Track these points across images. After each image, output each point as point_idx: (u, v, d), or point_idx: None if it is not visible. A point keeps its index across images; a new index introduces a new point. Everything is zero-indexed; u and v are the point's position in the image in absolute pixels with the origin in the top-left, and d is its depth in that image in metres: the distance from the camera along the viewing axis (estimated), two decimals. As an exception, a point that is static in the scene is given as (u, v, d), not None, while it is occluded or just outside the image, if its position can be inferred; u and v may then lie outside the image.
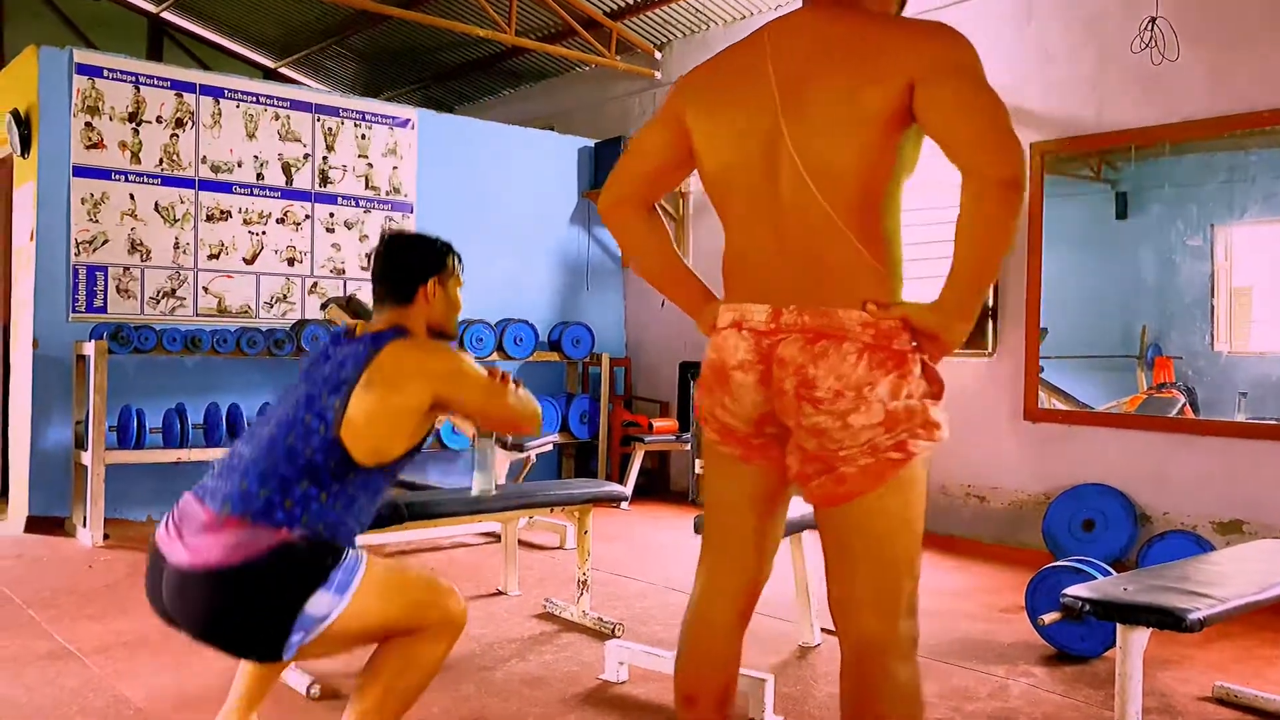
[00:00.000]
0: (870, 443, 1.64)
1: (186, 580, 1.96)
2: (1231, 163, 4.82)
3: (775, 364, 1.70)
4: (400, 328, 2.20)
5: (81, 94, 5.44)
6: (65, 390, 5.35)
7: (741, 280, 1.80)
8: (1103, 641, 3.35)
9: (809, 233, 1.68)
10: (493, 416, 2.29)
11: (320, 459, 2.02)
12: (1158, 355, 5.17)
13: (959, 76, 1.60)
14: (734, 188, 1.79)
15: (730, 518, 1.88)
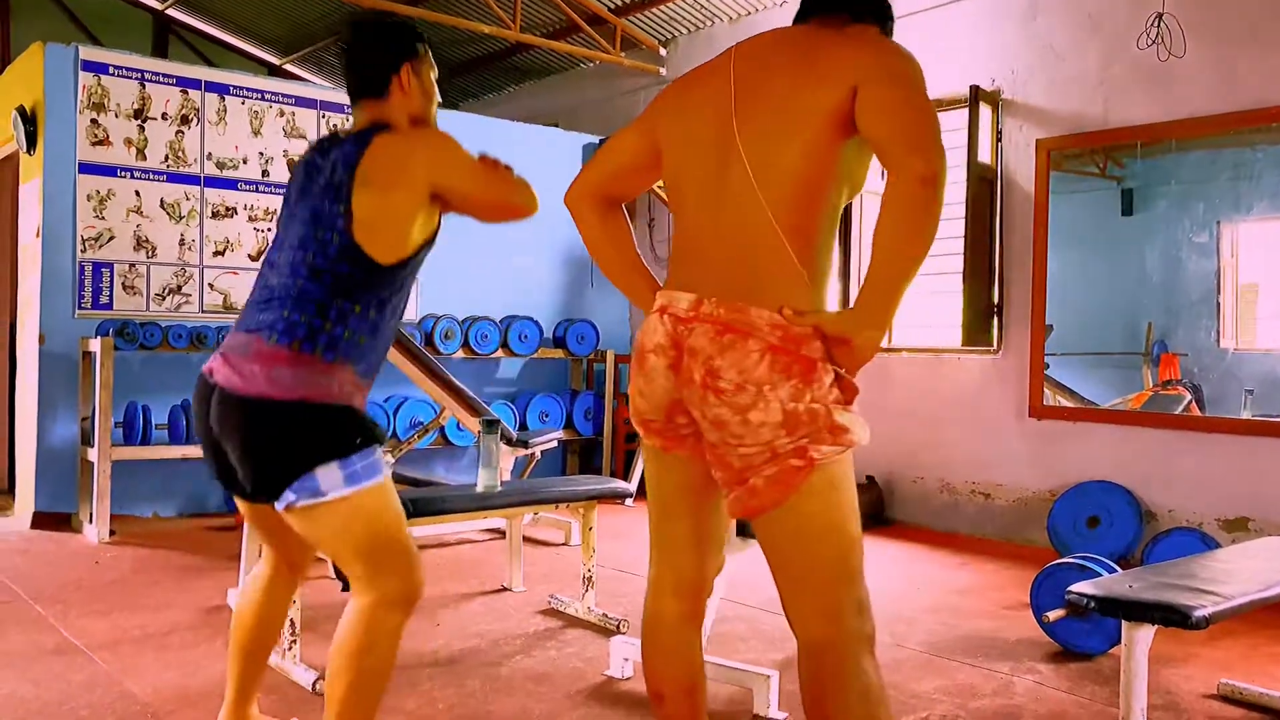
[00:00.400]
0: (770, 445, 1.66)
1: (229, 402, 2.02)
2: (1238, 159, 4.80)
3: (687, 353, 1.73)
4: (381, 123, 2.14)
5: (87, 91, 5.45)
6: (71, 387, 5.36)
7: (678, 269, 1.84)
8: (1108, 639, 3.35)
9: (744, 230, 1.72)
10: (491, 202, 2.20)
11: (345, 269, 2.04)
12: (1163, 352, 5.16)
13: (894, 82, 1.66)
14: (686, 185, 1.84)
15: (664, 511, 1.92)
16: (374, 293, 2.08)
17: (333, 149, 2.14)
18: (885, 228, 1.61)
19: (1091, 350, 5.48)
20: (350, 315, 2.06)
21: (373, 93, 2.19)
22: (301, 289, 2.05)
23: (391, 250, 2.07)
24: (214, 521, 5.51)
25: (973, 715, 2.88)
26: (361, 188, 2.04)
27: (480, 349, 6.49)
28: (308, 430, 2.00)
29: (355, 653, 2.04)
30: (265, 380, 1.99)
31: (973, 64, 5.40)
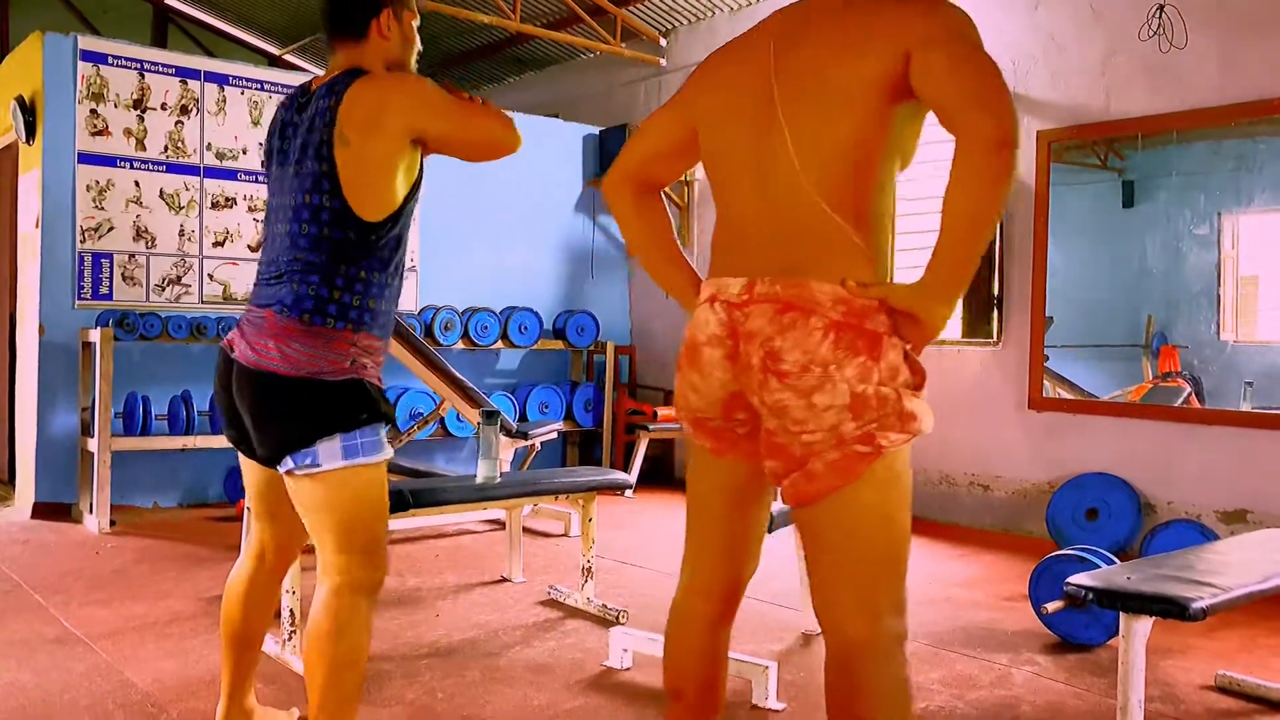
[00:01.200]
0: (835, 429, 1.56)
1: (245, 376, 2.08)
2: (1239, 151, 4.79)
3: (743, 338, 1.64)
4: (356, 69, 2.10)
5: (86, 80, 5.44)
6: (71, 377, 5.36)
7: (724, 255, 1.76)
8: (1106, 630, 3.36)
9: (795, 207, 1.64)
10: (473, 141, 2.16)
11: (340, 235, 2.04)
12: (1163, 344, 5.16)
13: (952, 42, 1.56)
14: (728, 164, 1.77)
15: (706, 514, 1.84)
16: (373, 254, 2.09)
17: (308, 104, 2.11)
18: (956, 196, 1.50)
19: (1091, 342, 5.48)
20: (356, 281, 2.07)
21: (351, 34, 2.14)
22: (305, 261, 2.06)
23: (380, 206, 2.07)
24: (214, 512, 5.52)
25: (971, 706, 2.89)
26: (341, 146, 2.02)
27: (480, 340, 6.49)
28: (315, 405, 2.03)
29: (328, 637, 2.06)
30: (278, 355, 2.03)
31: (974, 55, 5.37)
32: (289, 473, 2.07)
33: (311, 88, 2.15)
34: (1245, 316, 5.04)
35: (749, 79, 1.73)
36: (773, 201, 1.67)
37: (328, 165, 2.04)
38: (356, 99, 2.04)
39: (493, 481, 3.58)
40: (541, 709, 2.80)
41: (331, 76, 2.12)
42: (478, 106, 2.15)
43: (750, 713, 2.80)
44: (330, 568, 2.09)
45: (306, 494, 2.08)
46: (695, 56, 7.10)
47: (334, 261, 2.06)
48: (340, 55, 2.16)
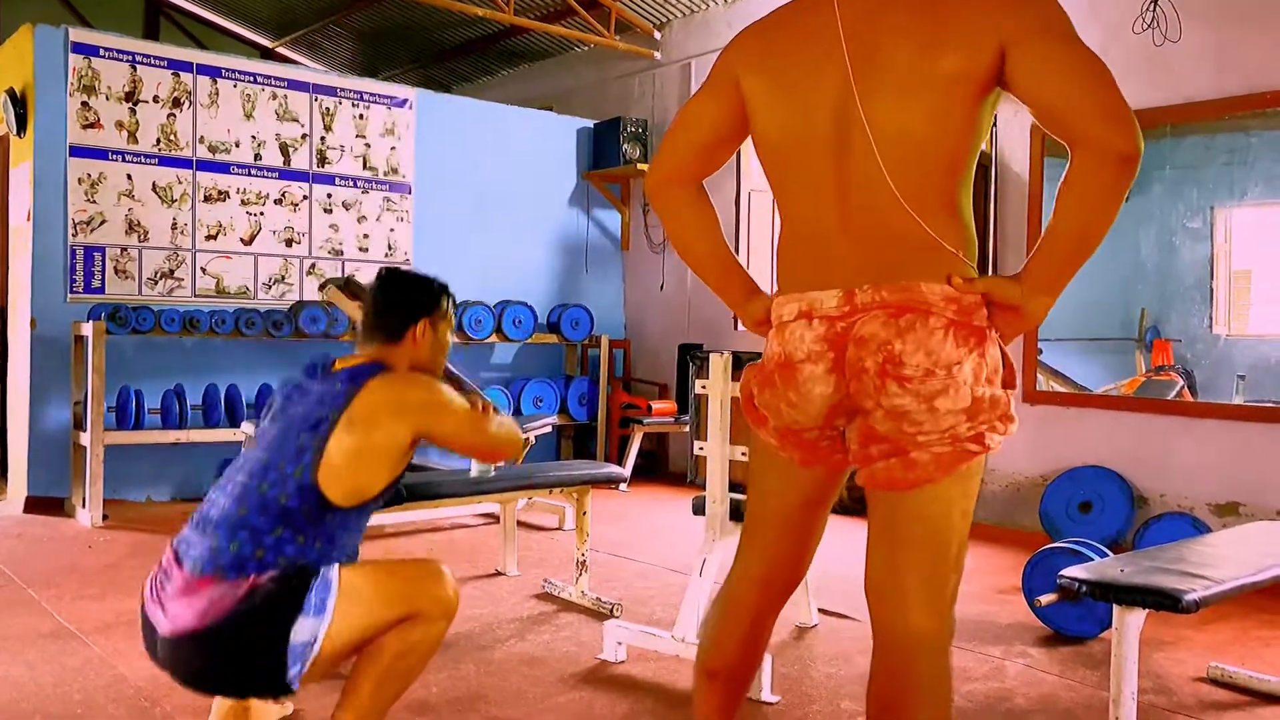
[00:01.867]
0: (951, 430, 1.54)
1: (171, 646, 1.99)
2: (1232, 145, 4.81)
3: (853, 344, 1.57)
4: (381, 363, 2.18)
5: (78, 73, 5.41)
6: (64, 371, 5.35)
7: (804, 265, 1.66)
8: (1099, 622, 3.37)
9: (879, 209, 1.56)
10: (475, 446, 2.29)
11: (295, 504, 2.01)
12: (1156, 338, 5.17)
13: (1061, 39, 1.49)
14: (795, 158, 1.65)
15: (778, 514, 1.79)
16: (322, 528, 2.04)
17: (326, 380, 2.14)
18: (1076, 204, 1.47)
19: (1085, 336, 5.49)
20: (288, 544, 2.00)
21: (388, 337, 2.23)
22: (242, 518, 2.01)
23: (353, 493, 2.07)
24: (208, 506, 5.50)
25: (965, 699, 2.90)
26: (344, 430, 2.04)
27: (474, 334, 6.48)
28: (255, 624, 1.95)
29: (393, 653, 2.07)
30: (192, 614, 1.95)
31: (968, 48, 5.37)
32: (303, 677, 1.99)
33: (334, 367, 2.18)
34: (1238, 310, 5.07)
35: (817, 63, 1.60)
36: (856, 204, 1.59)
37: (320, 441, 2.03)
38: (375, 392, 2.09)
39: (487, 475, 3.58)
40: (536, 702, 2.80)
41: (358, 364, 2.16)
42: (486, 418, 2.23)
43: (744, 705, 2.80)
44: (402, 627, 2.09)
45: (340, 651, 2.03)
46: (690, 49, 7.09)
47: (272, 526, 2.00)
48: (372, 348, 2.22)
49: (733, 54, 1.75)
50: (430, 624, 2.11)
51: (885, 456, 1.58)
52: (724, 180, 6.69)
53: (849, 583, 4.04)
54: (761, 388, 1.71)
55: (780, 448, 1.73)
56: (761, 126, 1.70)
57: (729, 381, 3.14)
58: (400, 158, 6.49)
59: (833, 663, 3.16)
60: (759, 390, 1.72)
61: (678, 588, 3.87)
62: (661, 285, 7.23)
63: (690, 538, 4.52)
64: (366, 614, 2.04)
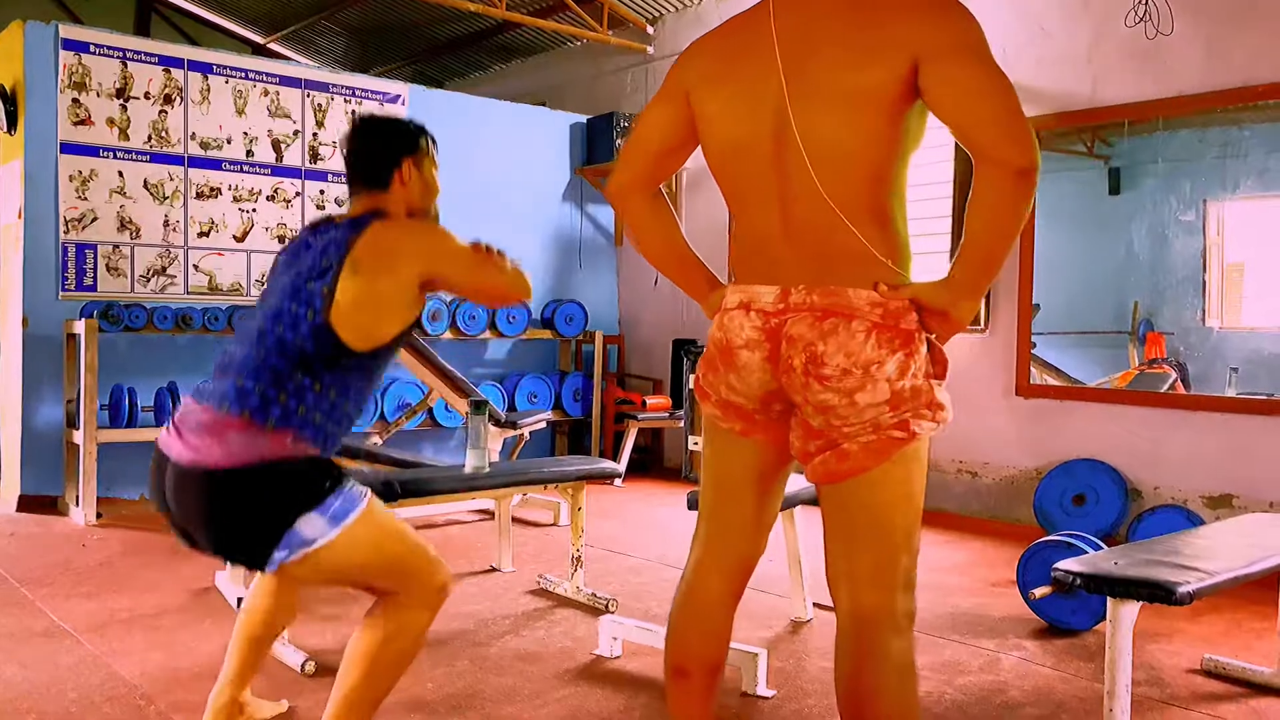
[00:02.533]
0: (874, 420, 1.65)
1: (186, 478, 1.97)
2: (1225, 138, 4.81)
3: (784, 341, 1.69)
4: (379, 211, 2.16)
5: (68, 70, 5.38)
6: (56, 369, 5.33)
7: (750, 264, 1.79)
8: (1093, 615, 3.38)
9: (815, 217, 1.67)
10: (484, 289, 2.23)
11: (311, 347, 2.01)
12: (1149, 331, 5.18)
13: (969, 56, 1.57)
14: (740, 168, 1.76)
15: (728, 493, 1.87)
16: (338, 375, 2.04)
17: (327, 230, 2.14)
18: (982, 215, 1.58)
19: (1078, 329, 5.50)
20: (308, 392, 2.00)
21: (375, 186, 2.20)
22: (263, 359, 2.01)
23: (367, 337, 2.06)
24: (202, 504, 5.49)
25: (959, 692, 2.91)
26: (350, 273, 2.03)
27: (468, 330, 6.47)
28: (275, 488, 1.95)
29: (378, 641, 2.06)
30: (220, 450, 1.94)
31: (961, 42, 5.38)
32: (283, 566, 1.97)
33: (335, 220, 2.17)
34: (1230, 303, 5.07)
35: (758, 75, 1.69)
36: (792, 211, 1.70)
37: (328, 287, 2.02)
38: (376, 237, 2.07)
39: (481, 471, 3.58)
40: (531, 698, 2.80)
41: (358, 214, 2.15)
42: (492, 258, 2.19)
43: (740, 700, 2.81)
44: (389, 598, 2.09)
45: (319, 571, 2.02)
46: (683, 43, 7.07)
47: (292, 369, 2.00)
48: (361, 202, 2.21)
49: (683, 66, 1.84)
50: (418, 612, 2.09)
51: (821, 451, 1.71)
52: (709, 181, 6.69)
53: (844, 577, 4.06)
54: (706, 370, 1.84)
55: (723, 418, 1.83)
56: (710, 138, 1.80)
57: (723, 376, 3.14)
58: (393, 154, 6.46)
59: (827, 656, 3.15)
60: (704, 372, 1.84)
61: (673, 583, 3.85)
62: (655, 281, 7.23)
63: (685, 532, 4.51)
64: (368, 554, 2.04)
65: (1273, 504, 4.34)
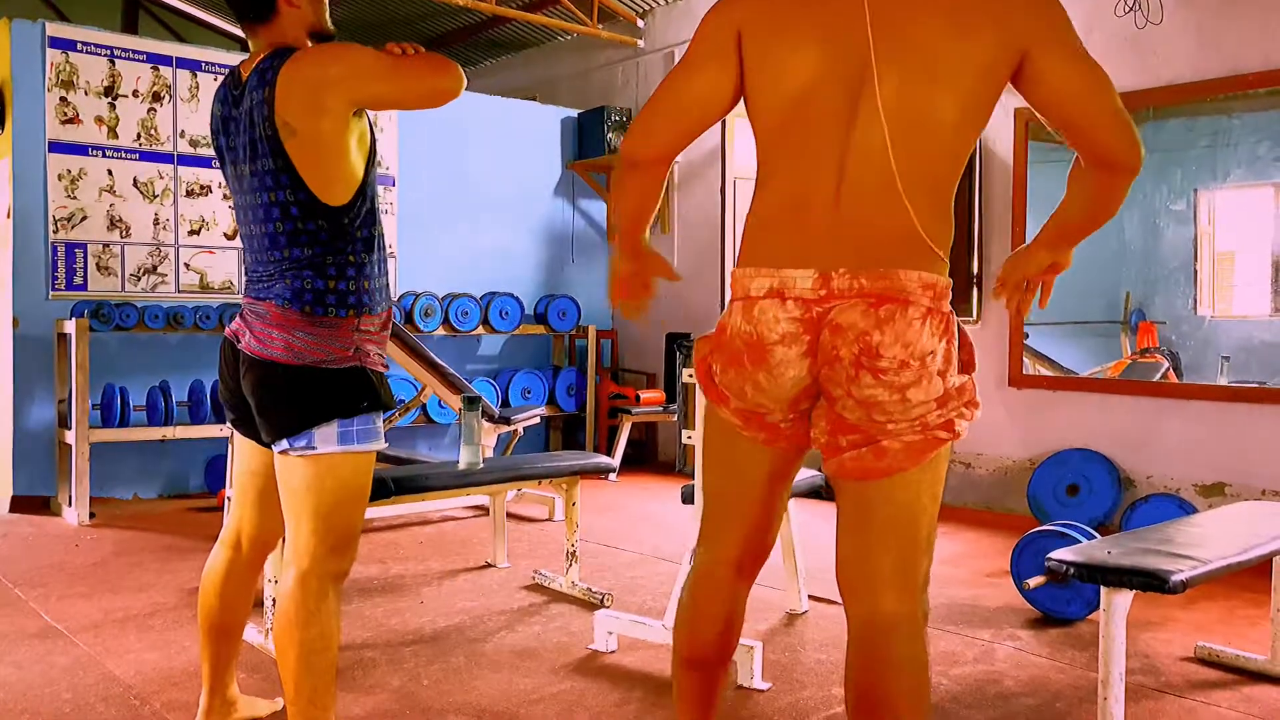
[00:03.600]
0: (922, 419, 1.56)
1: (256, 366, 2.08)
2: (1215, 127, 4.82)
3: (829, 330, 1.55)
4: (280, 49, 2.05)
5: (55, 68, 5.35)
6: (47, 369, 5.31)
7: (779, 238, 1.61)
8: (1087, 604, 3.39)
9: (875, 189, 1.54)
10: (412, 93, 2.14)
11: (313, 225, 2.05)
12: (1141, 320, 5.19)
13: (1080, 52, 1.56)
14: (796, 124, 1.59)
15: (742, 494, 1.77)
16: (350, 234, 2.09)
17: (242, 96, 2.07)
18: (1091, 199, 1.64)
19: (1071, 319, 5.51)
20: (347, 266, 2.09)
21: (261, 16, 2.08)
22: (292, 257, 2.06)
23: (344, 187, 2.07)
24: (195, 502, 5.48)
25: (954, 682, 2.91)
26: (288, 136, 1.99)
27: (461, 326, 6.46)
28: (317, 392, 2.05)
29: (296, 624, 2.06)
30: (283, 345, 2.05)
31: (951, 33, 5.37)
32: (283, 452, 2.08)
33: (242, 76, 2.09)
34: (1222, 292, 5.09)
35: (835, 21, 1.55)
36: (851, 182, 1.55)
37: (282, 160, 2.01)
38: (290, 83, 1.98)
39: (475, 467, 3.57)
40: (527, 693, 2.80)
41: (258, 61, 2.06)
42: (412, 60, 2.07)
43: (735, 693, 2.81)
44: (301, 553, 2.09)
45: (295, 475, 2.08)
46: (672, 37, 7.06)
47: (320, 253, 2.07)
48: (260, 36, 2.11)
49: (734, 9, 1.64)
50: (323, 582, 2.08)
51: (855, 447, 1.59)
52: (708, 169, 6.68)
53: (839, 569, 4.06)
54: (726, 367, 1.66)
55: (743, 427, 1.70)
56: (765, 85, 1.61)
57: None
58: (383, 149, 6.45)
59: (823, 649, 3.17)
60: (722, 369, 1.67)
61: (668, 576, 3.87)
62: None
63: (679, 526, 4.52)
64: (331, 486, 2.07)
65: (1265, 492, 4.35)
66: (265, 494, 2.24)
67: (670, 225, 7.01)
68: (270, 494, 2.21)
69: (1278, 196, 4.90)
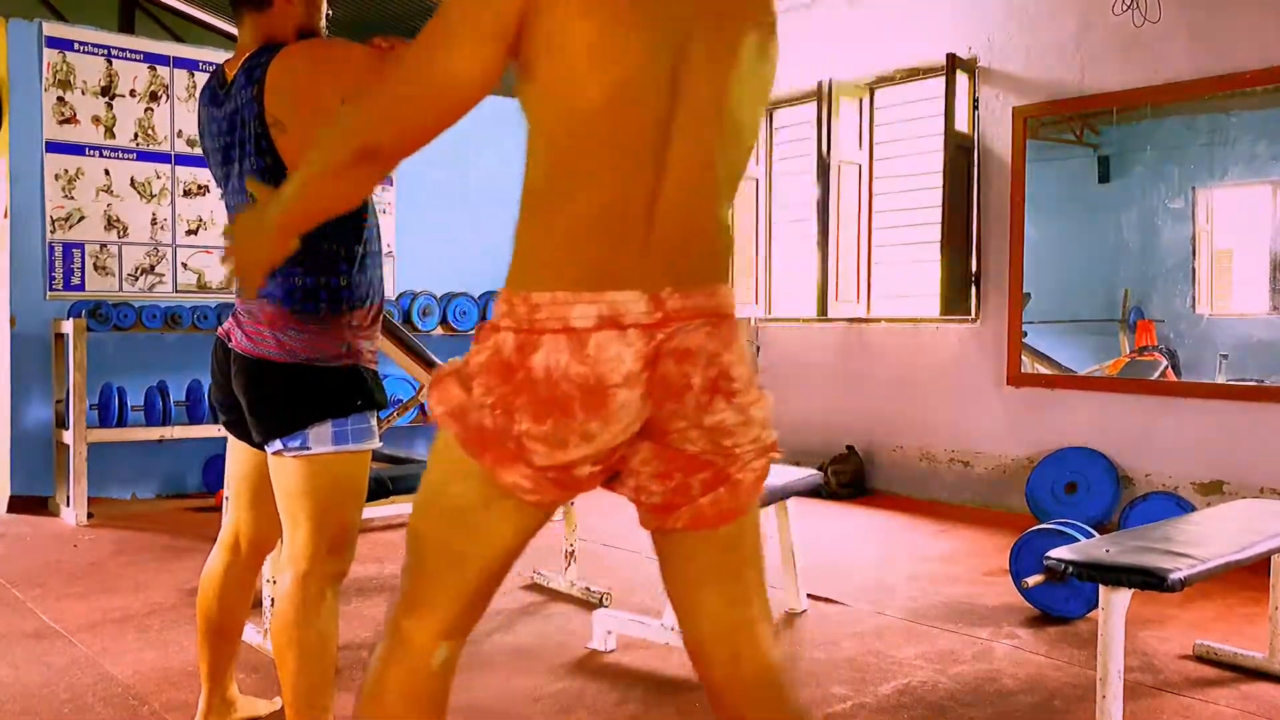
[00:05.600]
0: (758, 439, 1.39)
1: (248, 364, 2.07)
2: (1212, 125, 4.82)
3: (673, 358, 1.31)
4: (268, 45, 2.02)
5: (52, 68, 5.35)
6: (44, 369, 5.30)
7: (590, 257, 1.32)
8: (1085, 603, 3.39)
9: (692, 203, 1.35)
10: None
11: None
12: (1140, 318, 5.20)
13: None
14: (614, 124, 1.31)
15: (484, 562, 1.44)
16: (343, 229, 2.07)
17: (229, 98, 2.05)
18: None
19: (1069, 318, 5.52)
20: (339, 261, 2.07)
21: (254, 4, 2.06)
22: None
23: None
24: (193, 502, 5.48)
25: (953, 680, 2.91)
26: (279, 134, 1.98)
27: (459, 325, 6.45)
28: (310, 391, 2.04)
29: (295, 626, 2.05)
30: (274, 343, 2.04)
31: (949, 32, 5.38)
32: (276, 453, 2.07)
33: (227, 76, 2.07)
34: (1220, 290, 5.09)
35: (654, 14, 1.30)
36: (671, 194, 1.32)
37: (271, 159, 1.99)
38: (280, 80, 1.97)
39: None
40: (526, 693, 2.80)
41: (246, 58, 2.04)
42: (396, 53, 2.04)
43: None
44: (299, 555, 2.08)
45: (289, 476, 2.07)
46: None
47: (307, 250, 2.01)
48: (249, 27, 2.09)
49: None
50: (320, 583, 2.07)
51: (710, 488, 1.37)
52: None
53: (837, 568, 4.07)
54: (541, 417, 1.29)
55: (532, 490, 1.34)
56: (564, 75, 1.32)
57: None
58: (381, 149, 6.44)
59: (822, 648, 3.17)
60: (534, 420, 1.29)
61: (667, 576, 3.87)
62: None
63: (678, 525, 4.52)
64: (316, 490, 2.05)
65: (1263, 489, 4.35)
66: (260, 495, 2.23)
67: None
68: (265, 495, 2.19)
69: (1276, 194, 4.90)
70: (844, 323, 6.02)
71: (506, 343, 1.32)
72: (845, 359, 6.02)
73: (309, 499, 2.06)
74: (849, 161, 5.90)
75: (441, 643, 1.49)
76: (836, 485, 5.69)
